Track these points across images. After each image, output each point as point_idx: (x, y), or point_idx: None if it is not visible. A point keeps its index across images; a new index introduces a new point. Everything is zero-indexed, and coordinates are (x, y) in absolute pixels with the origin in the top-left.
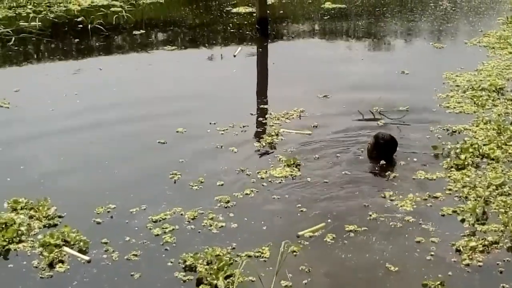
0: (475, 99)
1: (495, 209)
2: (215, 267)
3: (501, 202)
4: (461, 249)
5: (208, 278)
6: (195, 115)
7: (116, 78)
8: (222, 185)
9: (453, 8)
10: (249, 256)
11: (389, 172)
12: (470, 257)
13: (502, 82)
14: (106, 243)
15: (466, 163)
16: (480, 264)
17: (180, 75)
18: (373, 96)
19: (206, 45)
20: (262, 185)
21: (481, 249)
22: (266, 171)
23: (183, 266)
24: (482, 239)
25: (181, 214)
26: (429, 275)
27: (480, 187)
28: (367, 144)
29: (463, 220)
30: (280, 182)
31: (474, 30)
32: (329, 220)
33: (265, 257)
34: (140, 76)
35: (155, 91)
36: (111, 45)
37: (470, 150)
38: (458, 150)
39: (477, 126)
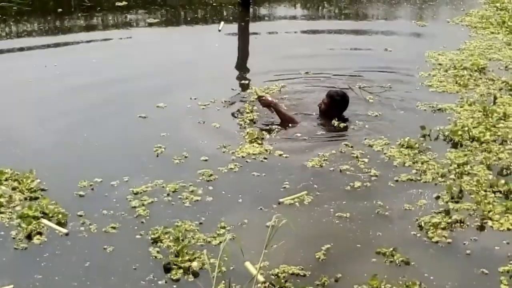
0: (457, 79)
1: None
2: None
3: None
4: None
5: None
6: (175, 90)
7: (96, 52)
8: (206, 160)
9: None
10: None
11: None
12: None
13: (484, 61)
14: (83, 215)
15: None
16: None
17: (161, 50)
18: (355, 74)
19: (188, 19)
20: (246, 161)
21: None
22: (245, 147)
23: (151, 241)
24: (447, 216)
25: (163, 187)
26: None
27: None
28: (319, 104)
29: (437, 197)
30: (262, 160)
31: (457, 9)
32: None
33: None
34: (121, 50)
35: (135, 66)
36: (93, 17)
37: (459, 133)
38: (447, 133)
39: (461, 107)
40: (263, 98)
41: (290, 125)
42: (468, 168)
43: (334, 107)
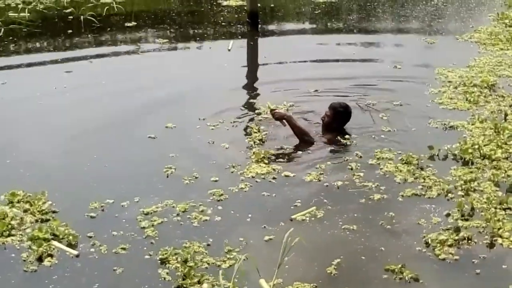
0: (467, 95)
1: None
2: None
3: (485, 199)
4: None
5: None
6: (184, 110)
7: (106, 71)
8: (216, 180)
9: (444, 4)
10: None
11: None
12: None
13: (494, 78)
14: (93, 237)
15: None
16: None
17: (170, 70)
18: (364, 91)
19: (197, 38)
20: (256, 181)
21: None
22: (252, 167)
23: (160, 262)
24: (454, 233)
25: (173, 207)
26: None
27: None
28: (322, 117)
29: (448, 215)
30: (270, 180)
31: (465, 26)
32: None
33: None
34: (130, 71)
35: (144, 86)
36: (103, 37)
37: (470, 150)
38: (457, 151)
39: (473, 124)
40: (277, 111)
41: (305, 137)
42: (475, 184)
43: (338, 119)
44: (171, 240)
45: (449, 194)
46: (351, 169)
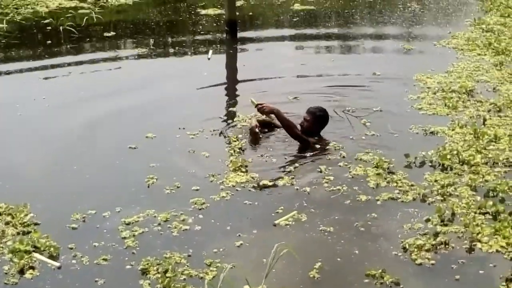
0: (446, 101)
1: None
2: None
3: (464, 203)
4: (407, 246)
5: None
6: (164, 120)
7: (85, 82)
8: (197, 190)
9: (422, 10)
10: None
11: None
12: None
13: (472, 84)
14: (74, 248)
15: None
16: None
17: (149, 79)
18: (343, 98)
19: (177, 47)
20: (236, 190)
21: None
22: (230, 176)
23: (141, 273)
24: (432, 238)
25: (154, 217)
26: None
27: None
28: (301, 123)
29: (428, 220)
30: (250, 189)
31: (443, 32)
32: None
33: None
34: (109, 81)
35: (124, 96)
36: (82, 47)
37: (448, 156)
38: (434, 158)
39: (453, 130)
40: (265, 105)
41: (295, 130)
42: (452, 189)
43: (316, 123)
44: (152, 250)
45: (426, 199)
46: (330, 172)
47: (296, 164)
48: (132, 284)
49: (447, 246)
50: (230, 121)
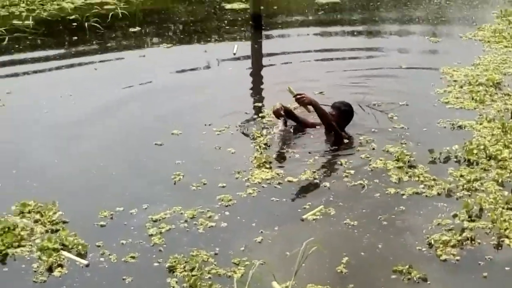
0: (473, 95)
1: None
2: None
3: (491, 199)
4: (433, 242)
5: None
6: (190, 116)
7: (112, 77)
8: (223, 186)
9: (447, 2)
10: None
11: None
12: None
13: (499, 76)
14: (101, 246)
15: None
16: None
17: (174, 75)
18: (368, 91)
19: (202, 42)
20: (262, 186)
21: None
22: (255, 173)
23: (168, 270)
24: (457, 234)
25: (181, 213)
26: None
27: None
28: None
29: (455, 215)
30: (276, 186)
31: (469, 24)
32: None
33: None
34: (134, 76)
35: (149, 91)
36: (108, 43)
37: (475, 151)
38: (460, 153)
39: (480, 124)
40: (305, 95)
41: (332, 123)
42: (478, 184)
43: (342, 118)
44: (179, 247)
45: (452, 194)
46: (356, 167)
47: (320, 159)
48: (160, 282)
49: (473, 242)
50: (255, 116)
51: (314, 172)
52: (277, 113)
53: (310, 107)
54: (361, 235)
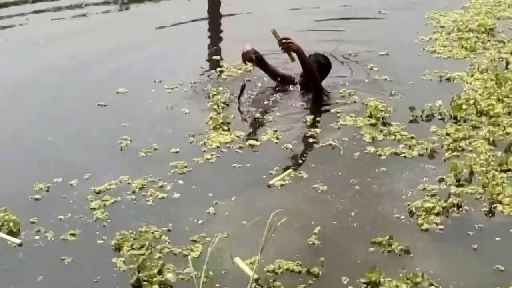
0: (463, 42)
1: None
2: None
3: (483, 160)
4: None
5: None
6: (137, 73)
7: (44, 32)
8: (177, 152)
9: None
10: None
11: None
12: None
13: (492, 21)
14: (36, 222)
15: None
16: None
17: (117, 25)
18: (342, 39)
19: None
20: (222, 151)
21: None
22: (212, 135)
23: (114, 249)
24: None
25: (128, 183)
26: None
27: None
28: (301, 73)
29: (441, 180)
30: (237, 149)
31: None
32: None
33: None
34: (72, 28)
35: (89, 46)
36: None
37: (464, 107)
38: (445, 109)
39: (472, 75)
40: (290, 40)
41: (315, 74)
42: (466, 143)
43: (320, 72)
44: (125, 222)
45: (435, 155)
46: (328, 125)
47: (285, 118)
48: (104, 262)
49: (460, 209)
50: (213, 71)
51: (276, 131)
52: (247, 57)
53: (294, 55)
54: (334, 202)
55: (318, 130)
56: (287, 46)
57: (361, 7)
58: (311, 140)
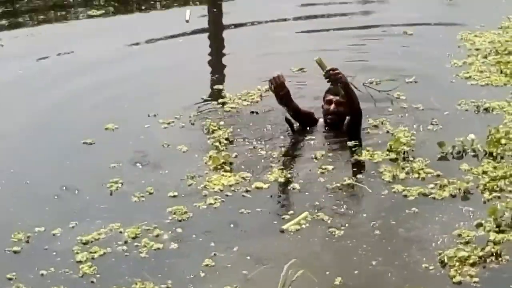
0: (502, 67)
1: None
2: None
3: None
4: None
5: None
6: (129, 105)
7: (23, 57)
8: (174, 196)
9: None
10: None
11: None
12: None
13: None
14: (14, 279)
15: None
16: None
17: (107, 52)
18: (364, 65)
19: (143, 7)
20: (226, 194)
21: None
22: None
23: None
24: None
25: (120, 232)
26: None
27: None
28: (332, 110)
29: (479, 225)
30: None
31: None
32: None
33: None
34: (55, 49)
35: (74, 74)
36: (17, 5)
37: (503, 141)
38: (478, 145)
39: None
40: (338, 72)
41: (359, 109)
42: (505, 182)
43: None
44: (116, 278)
45: (469, 196)
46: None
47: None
48: None
49: (499, 258)
50: (214, 102)
51: (284, 172)
52: (280, 85)
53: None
54: (355, 250)
55: (330, 167)
56: (335, 78)
57: (383, 25)
58: (323, 179)
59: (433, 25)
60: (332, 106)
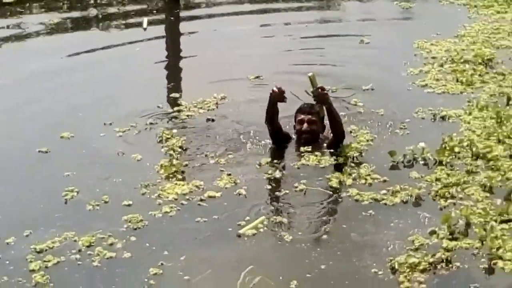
0: (458, 75)
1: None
2: None
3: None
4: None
5: None
6: (84, 113)
7: None
8: (129, 205)
9: None
10: None
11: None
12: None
13: (491, 51)
14: None
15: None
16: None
17: (62, 60)
18: (322, 74)
19: (100, 16)
20: (182, 203)
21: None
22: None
23: None
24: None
25: (74, 241)
26: None
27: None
28: (306, 128)
29: (433, 232)
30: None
31: None
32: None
33: None
34: (10, 61)
35: (28, 81)
36: None
37: (456, 149)
38: (429, 154)
39: (470, 113)
40: (326, 92)
41: (343, 130)
42: (457, 189)
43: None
44: (69, 287)
45: (421, 202)
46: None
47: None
48: None
49: (450, 265)
50: (170, 110)
51: (234, 178)
52: (279, 96)
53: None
54: (308, 253)
55: (282, 173)
56: (322, 98)
57: (340, 34)
58: (273, 184)
59: (390, 34)
60: (305, 125)
